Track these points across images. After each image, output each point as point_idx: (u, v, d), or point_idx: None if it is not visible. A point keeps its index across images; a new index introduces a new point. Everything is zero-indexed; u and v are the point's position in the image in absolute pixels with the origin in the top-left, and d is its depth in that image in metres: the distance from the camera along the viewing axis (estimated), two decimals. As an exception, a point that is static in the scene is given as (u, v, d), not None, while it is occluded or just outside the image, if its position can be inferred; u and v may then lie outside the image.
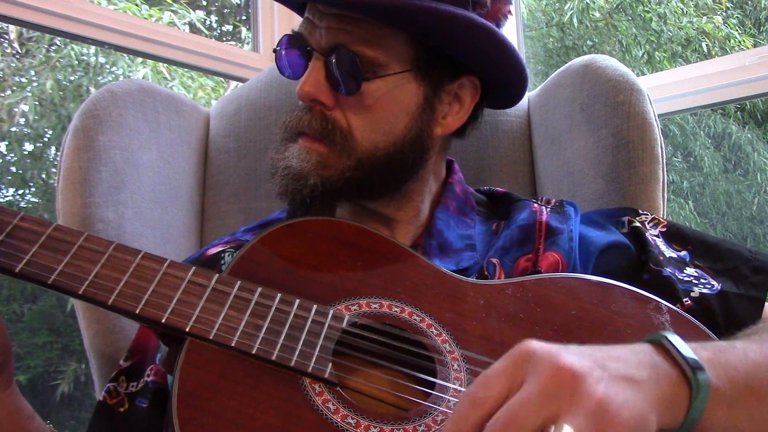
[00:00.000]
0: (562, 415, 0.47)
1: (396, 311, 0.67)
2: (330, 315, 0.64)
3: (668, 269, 0.77)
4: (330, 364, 0.60)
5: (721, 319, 0.74)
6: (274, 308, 0.63)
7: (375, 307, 0.67)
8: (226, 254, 0.87)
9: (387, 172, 0.78)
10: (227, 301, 0.62)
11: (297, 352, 0.60)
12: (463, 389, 0.59)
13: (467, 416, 0.49)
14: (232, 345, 0.59)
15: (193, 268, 0.64)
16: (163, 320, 0.60)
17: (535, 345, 0.50)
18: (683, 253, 0.82)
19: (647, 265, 0.78)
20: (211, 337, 0.59)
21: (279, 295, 0.64)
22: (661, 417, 0.51)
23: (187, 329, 0.60)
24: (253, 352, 0.59)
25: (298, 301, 0.64)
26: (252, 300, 0.63)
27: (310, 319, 0.63)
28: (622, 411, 0.48)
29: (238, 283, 0.64)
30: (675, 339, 0.55)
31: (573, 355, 0.50)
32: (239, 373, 0.58)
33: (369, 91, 0.75)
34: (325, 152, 0.77)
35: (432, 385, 0.61)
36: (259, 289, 0.64)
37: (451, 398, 0.59)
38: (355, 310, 0.66)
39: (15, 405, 0.69)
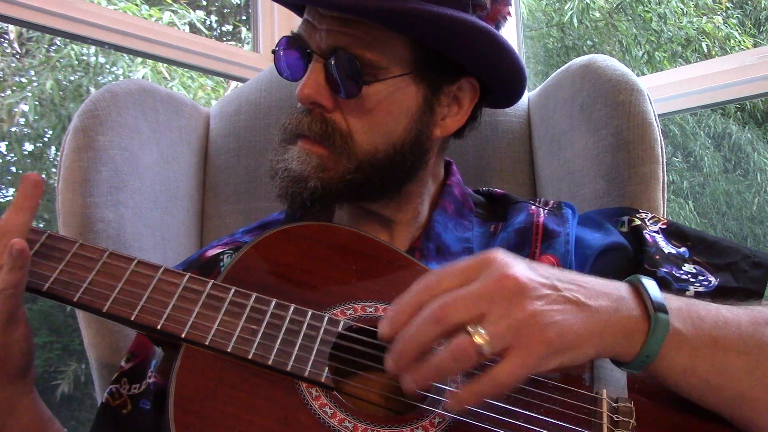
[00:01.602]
0: (488, 318, 0.51)
1: None
2: (326, 320, 0.64)
3: (664, 269, 0.77)
4: (326, 369, 0.60)
5: None
6: (269, 313, 0.63)
7: (370, 312, 0.67)
8: (225, 256, 0.87)
9: (387, 174, 0.78)
10: (222, 306, 0.62)
11: (293, 357, 0.60)
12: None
13: (414, 299, 0.55)
14: (228, 350, 0.59)
15: (188, 274, 0.64)
16: (159, 327, 0.60)
17: (499, 253, 0.56)
18: (682, 249, 0.82)
19: (642, 266, 0.78)
20: (207, 343, 0.59)
21: (274, 300, 0.64)
22: (607, 346, 0.56)
23: (183, 335, 0.60)
24: (250, 357, 0.59)
25: (293, 306, 0.64)
26: (247, 305, 0.63)
27: (305, 324, 0.63)
28: (550, 329, 0.52)
29: (233, 289, 0.64)
30: (649, 283, 0.59)
31: (528, 270, 0.55)
32: (236, 378, 0.58)
33: (369, 94, 0.75)
34: (324, 155, 0.77)
35: (430, 390, 0.61)
36: (255, 295, 0.64)
37: (447, 400, 0.59)
38: (350, 314, 0.66)
39: (37, 409, 0.69)
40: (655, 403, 0.61)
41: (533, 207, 0.87)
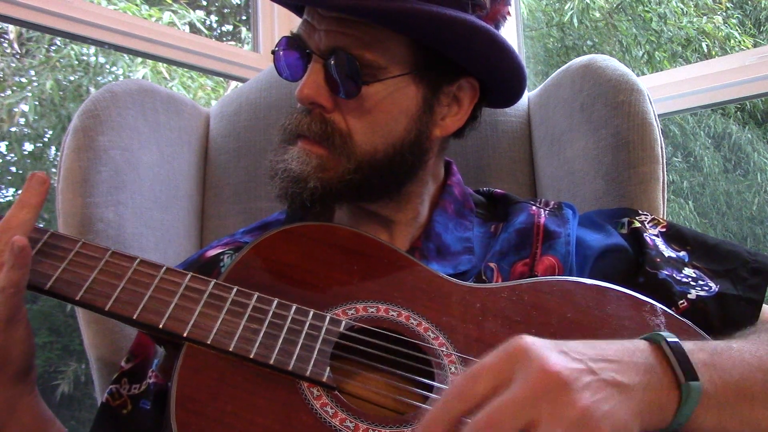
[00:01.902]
0: (542, 422, 0.47)
1: (393, 315, 0.67)
2: (327, 319, 0.64)
3: (665, 271, 0.77)
4: (328, 368, 0.60)
5: (718, 321, 0.74)
6: (271, 313, 0.63)
7: (372, 312, 0.67)
8: (225, 256, 0.87)
9: (386, 174, 0.78)
10: (224, 306, 0.62)
11: (295, 357, 0.60)
12: None
13: (451, 408, 0.50)
14: (230, 350, 0.59)
15: (190, 274, 0.64)
16: (161, 325, 0.60)
17: (528, 341, 0.51)
18: (682, 253, 0.82)
19: (643, 268, 0.78)
20: (209, 342, 0.60)
21: (276, 300, 0.64)
22: (645, 421, 0.52)
23: (185, 334, 0.60)
24: (251, 356, 0.59)
25: (295, 306, 0.64)
26: (249, 305, 0.63)
27: (307, 324, 0.63)
28: (604, 422, 0.48)
29: (235, 288, 0.64)
30: (673, 342, 0.56)
31: (564, 357, 0.51)
32: (237, 377, 0.58)
33: (368, 95, 0.75)
34: (324, 155, 0.76)
35: (429, 388, 0.61)
36: (256, 294, 0.64)
37: None
38: (352, 314, 0.66)
39: (38, 409, 0.69)
40: None
41: (534, 207, 0.87)
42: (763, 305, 0.76)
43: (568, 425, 0.47)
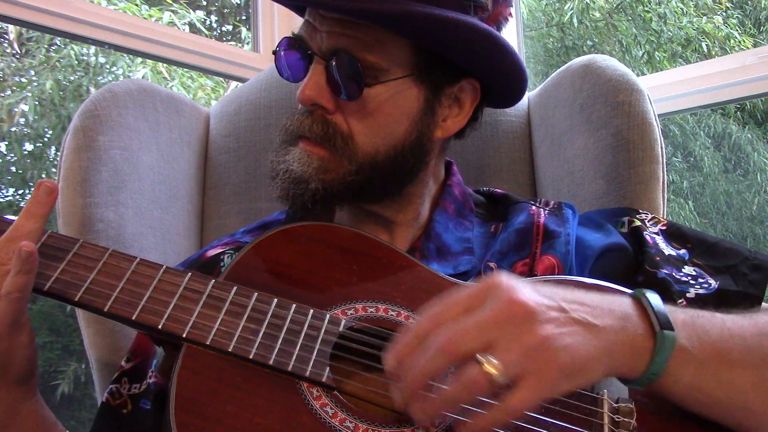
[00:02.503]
0: (498, 346, 0.50)
1: (392, 315, 0.67)
2: (327, 319, 0.63)
3: (665, 270, 0.77)
4: (327, 368, 0.60)
5: None
6: (270, 313, 0.63)
7: (371, 311, 0.67)
8: (226, 256, 0.87)
9: (388, 175, 0.78)
10: (224, 306, 0.62)
11: (294, 357, 0.60)
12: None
13: (419, 329, 0.54)
14: (230, 350, 0.59)
15: (189, 273, 0.64)
16: (160, 326, 0.60)
17: (503, 278, 0.55)
18: (682, 251, 0.82)
19: (642, 267, 0.78)
20: (208, 343, 0.59)
21: (276, 299, 0.64)
22: (614, 364, 0.55)
23: (184, 335, 0.60)
24: (251, 357, 0.59)
25: (294, 305, 0.64)
26: (248, 305, 0.63)
27: (306, 324, 0.63)
28: (562, 353, 0.51)
29: (235, 288, 0.64)
30: (653, 297, 0.58)
31: (534, 293, 0.54)
32: (237, 378, 0.58)
33: (370, 96, 0.75)
34: (325, 156, 0.76)
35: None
36: (256, 294, 0.64)
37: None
38: (351, 314, 0.66)
39: (40, 413, 0.69)
40: (656, 404, 0.61)
41: (534, 207, 0.87)
42: (763, 302, 0.76)
43: (524, 350, 0.50)
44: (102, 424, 0.77)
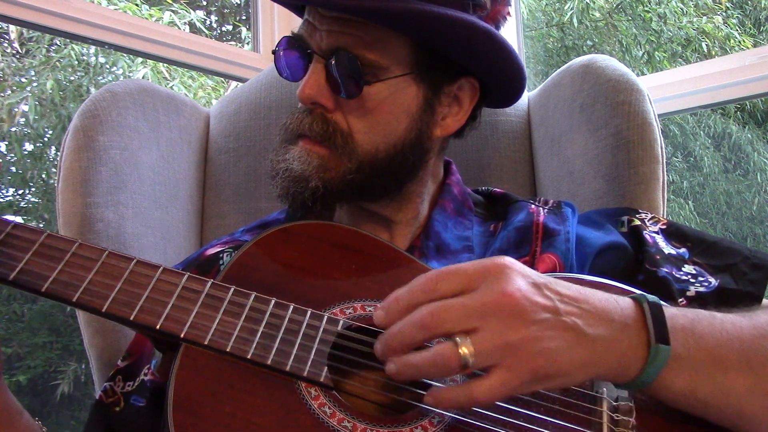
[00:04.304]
0: (479, 334, 0.50)
1: None
2: (325, 319, 0.63)
3: (665, 269, 0.77)
4: (325, 368, 0.60)
5: None
6: (268, 313, 0.62)
7: (370, 311, 0.67)
8: (225, 254, 0.87)
9: (387, 174, 0.78)
10: (222, 306, 0.62)
11: (292, 357, 0.60)
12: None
13: (413, 296, 0.54)
14: (228, 350, 0.59)
15: (187, 274, 0.64)
16: (158, 326, 0.60)
17: (509, 262, 0.54)
18: (682, 250, 0.82)
19: (643, 266, 0.78)
20: (206, 343, 0.59)
21: (273, 299, 0.64)
22: (599, 373, 0.55)
23: (182, 335, 0.60)
24: (249, 357, 0.59)
25: (292, 305, 0.64)
26: (246, 305, 0.63)
27: (305, 324, 0.62)
28: (540, 357, 0.51)
29: (233, 288, 0.64)
30: (654, 304, 0.58)
31: (531, 288, 0.53)
32: (235, 378, 0.58)
33: (370, 95, 0.75)
34: (325, 155, 0.77)
35: (427, 387, 0.61)
36: (254, 294, 0.64)
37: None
38: (350, 313, 0.66)
39: (4, 401, 0.68)
40: (655, 402, 0.61)
41: (533, 206, 0.87)
42: (764, 300, 0.76)
43: (502, 344, 0.50)
44: (93, 422, 0.77)
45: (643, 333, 0.56)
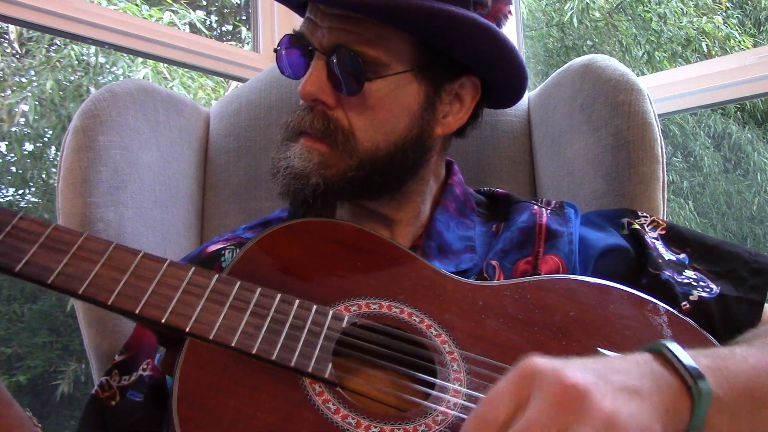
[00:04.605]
0: (571, 431, 0.46)
1: (395, 312, 0.67)
2: (330, 315, 0.63)
3: (667, 272, 0.77)
4: (330, 364, 0.60)
5: (720, 323, 0.74)
6: (274, 308, 0.63)
7: (374, 308, 0.67)
8: (227, 251, 0.87)
9: (388, 171, 0.78)
10: (227, 301, 0.62)
11: (297, 352, 0.60)
12: (463, 389, 0.59)
13: None
14: (233, 345, 0.59)
15: (193, 267, 0.64)
16: (164, 320, 0.60)
17: (538, 362, 0.50)
18: (682, 255, 0.82)
19: (645, 269, 0.78)
20: (211, 337, 0.59)
21: (279, 295, 0.64)
22: (664, 426, 0.51)
23: (188, 329, 0.60)
24: (254, 352, 0.59)
25: (298, 301, 0.64)
26: (252, 300, 0.63)
27: (310, 319, 0.63)
28: (630, 423, 0.48)
29: (238, 283, 0.64)
30: (675, 347, 0.55)
31: (576, 370, 0.50)
32: (239, 373, 0.58)
33: (371, 92, 0.75)
34: (326, 152, 0.77)
35: (432, 386, 0.61)
36: (259, 289, 0.64)
37: (451, 398, 0.59)
38: (354, 310, 0.66)
39: None
40: None
41: (536, 207, 0.87)
42: (765, 306, 0.76)
43: (596, 429, 0.46)
44: (88, 416, 0.77)
45: (676, 377, 0.54)
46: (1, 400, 0.68)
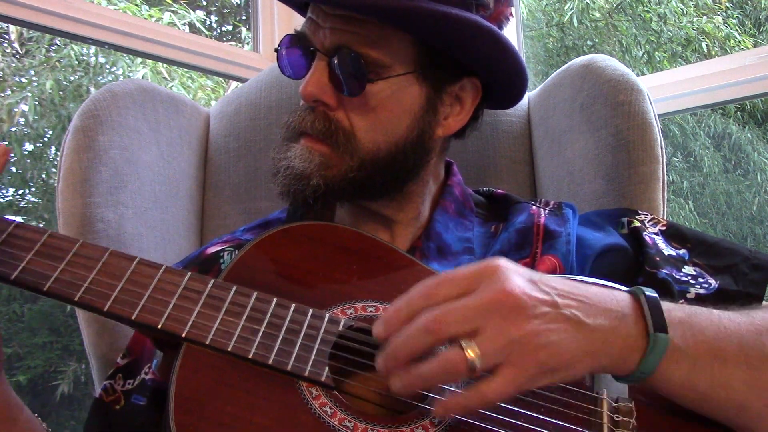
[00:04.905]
0: (482, 333, 0.51)
1: None
2: (326, 319, 0.63)
3: (665, 270, 0.77)
4: (326, 368, 0.60)
5: None
6: (270, 313, 0.63)
7: (371, 311, 0.67)
8: (225, 253, 0.87)
9: (389, 172, 0.78)
10: (223, 306, 0.62)
11: (293, 356, 0.60)
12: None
13: (413, 304, 0.54)
14: (229, 350, 0.59)
15: (189, 273, 0.64)
16: (160, 326, 0.60)
17: (502, 263, 0.55)
18: (682, 251, 0.82)
19: (643, 268, 0.78)
20: (207, 342, 0.59)
21: (275, 299, 0.64)
22: (602, 364, 0.56)
23: (184, 335, 0.60)
24: (250, 356, 0.59)
25: (293, 305, 0.64)
26: (248, 305, 0.63)
27: (306, 323, 0.63)
28: (543, 350, 0.52)
29: (234, 288, 0.64)
30: (651, 297, 0.58)
31: (528, 284, 0.54)
32: (236, 377, 0.58)
33: (372, 93, 0.75)
34: (327, 153, 0.77)
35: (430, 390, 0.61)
36: (255, 294, 0.64)
37: (434, 408, 0.59)
38: (351, 314, 0.66)
39: (5, 397, 0.68)
40: (656, 403, 0.61)
41: (534, 207, 0.87)
42: (764, 301, 0.76)
43: (506, 342, 0.51)
44: (94, 420, 0.77)
45: (641, 323, 0.57)
46: (14, 404, 0.69)
